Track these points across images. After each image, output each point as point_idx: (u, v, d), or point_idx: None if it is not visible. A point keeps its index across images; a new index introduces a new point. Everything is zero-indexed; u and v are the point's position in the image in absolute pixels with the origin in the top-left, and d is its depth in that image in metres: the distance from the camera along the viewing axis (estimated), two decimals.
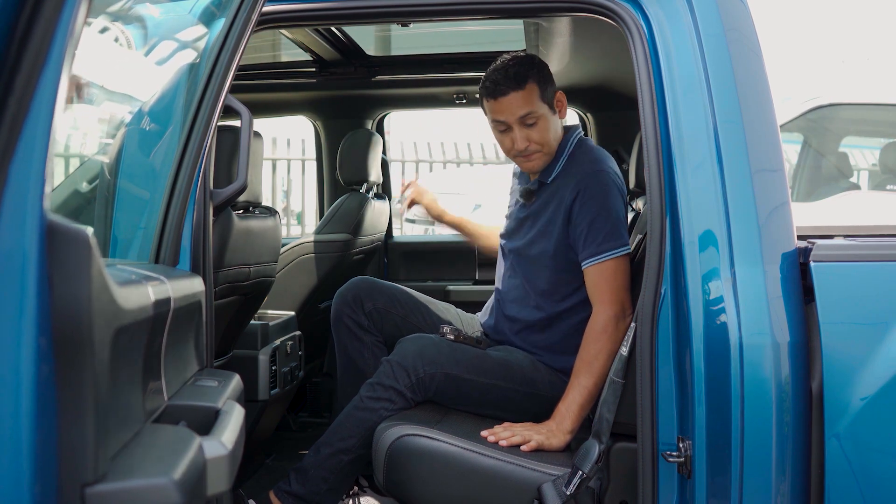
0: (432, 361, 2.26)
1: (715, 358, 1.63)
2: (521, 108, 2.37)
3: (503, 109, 2.38)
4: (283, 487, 2.30)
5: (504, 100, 2.37)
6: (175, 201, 1.57)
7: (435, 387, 2.27)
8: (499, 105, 2.38)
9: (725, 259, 1.67)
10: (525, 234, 2.49)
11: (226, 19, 1.63)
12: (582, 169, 2.37)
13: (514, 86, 2.36)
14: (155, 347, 1.21)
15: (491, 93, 2.39)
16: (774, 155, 1.75)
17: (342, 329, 2.57)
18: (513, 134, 2.39)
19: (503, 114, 2.38)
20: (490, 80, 2.39)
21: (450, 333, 2.38)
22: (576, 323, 2.39)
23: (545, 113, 2.40)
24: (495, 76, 2.38)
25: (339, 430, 2.29)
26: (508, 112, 2.38)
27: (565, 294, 2.43)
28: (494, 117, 2.41)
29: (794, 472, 1.61)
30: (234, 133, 2.00)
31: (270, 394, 2.59)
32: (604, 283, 2.29)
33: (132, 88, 1.85)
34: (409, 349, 2.28)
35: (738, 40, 1.77)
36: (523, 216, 2.51)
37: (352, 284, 2.60)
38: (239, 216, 2.21)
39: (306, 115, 4.12)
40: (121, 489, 0.90)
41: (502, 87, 2.36)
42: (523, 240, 2.49)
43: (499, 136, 2.45)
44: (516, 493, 2.01)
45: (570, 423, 2.17)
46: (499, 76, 2.37)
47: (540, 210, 2.46)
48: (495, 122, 2.42)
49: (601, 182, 2.35)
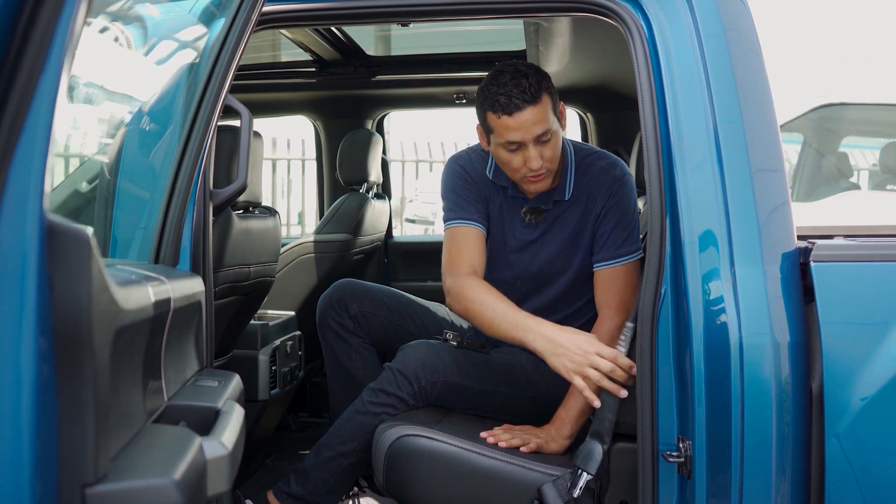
0: (435, 370, 2.24)
1: (715, 358, 1.63)
2: (538, 124, 2.18)
3: (520, 126, 2.17)
4: (282, 488, 2.30)
5: (520, 115, 2.17)
6: (175, 201, 1.57)
7: (437, 394, 2.26)
8: (515, 121, 2.17)
9: (725, 259, 1.67)
10: (535, 255, 2.41)
11: (226, 19, 1.63)
12: (606, 176, 2.33)
13: (530, 100, 2.17)
14: (155, 347, 1.21)
15: (505, 108, 2.17)
16: (774, 155, 1.75)
17: (328, 332, 2.54)
18: (526, 153, 2.21)
19: (519, 132, 2.18)
20: (503, 94, 2.17)
21: (452, 339, 2.36)
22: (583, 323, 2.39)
23: (557, 129, 2.25)
24: (508, 91, 2.17)
25: (340, 434, 2.29)
26: (525, 129, 2.18)
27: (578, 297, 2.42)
28: (508, 137, 2.19)
29: (795, 472, 1.61)
30: (234, 133, 2.00)
31: (270, 394, 2.59)
32: (615, 287, 2.28)
33: (132, 88, 1.85)
34: (411, 357, 2.26)
35: (738, 40, 1.77)
36: (532, 238, 2.40)
37: (335, 288, 2.55)
38: (239, 216, 2.21)
39: (306, 115, 4.12)
40: (121, 489, 0.90)
41: (517, 102, 2.16)
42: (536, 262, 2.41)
43: (507, 155, 2.23)
44: (516, 493, 2.01)
45: (569, 428, 2.17)
46: (512, 90, 2.16)
47: (557, 227, 2.37)
48: (507, 143, 2.21)
49: (628, 185, 2.36)
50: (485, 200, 2.41)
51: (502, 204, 2.41)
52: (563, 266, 2.39)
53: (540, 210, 2.38)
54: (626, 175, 2.37)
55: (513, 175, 2.29)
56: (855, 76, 10.80)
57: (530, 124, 2.18)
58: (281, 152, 9.14)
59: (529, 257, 2.41)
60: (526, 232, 2.40)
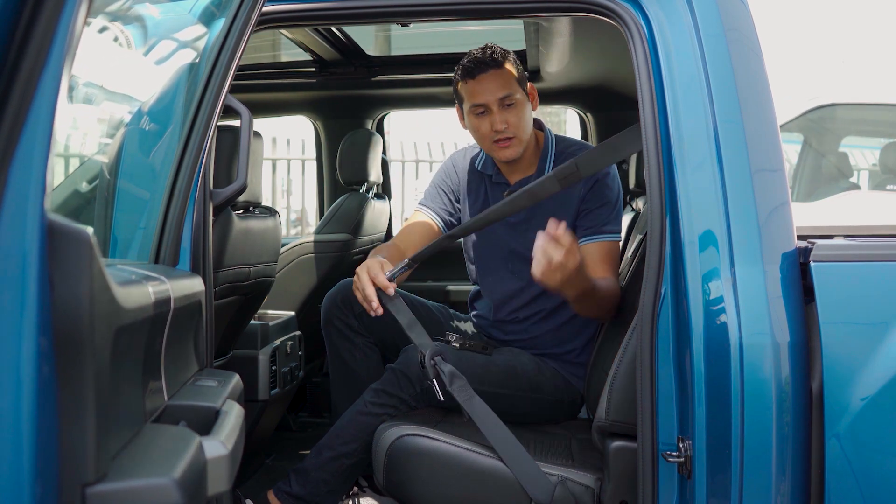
0: None
1: (715, 358, 1.63)
2: (501, 87, 2.40)
3: (483, 90, 2.41)
4: (282, 488, 2.30)
5: (484, 78, 2.40)
6: (175, 201, 1.57)
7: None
8: (478, 85, 2.41)
9: (725, 259, 1.67)
10: (520, 235, 2.49)
11: (226, 19, 1.63)
12: None
13: (493, 64, 2.41)
14: (155, 347, 1.21)
15: (470, 72, 2.42)
16: (774, 155, 1.75)
17: (333, 331, 2.55)
18: (492, 116, 2.42)
19: (483, 94, 2.41)
20: (468, 61, 2.43)
21: (455, 341, 2.37)
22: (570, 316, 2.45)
23: (522, 98, 2.44)
24: (473, 58, 2.43)
25: (341, 434, 2.29)
26: (488, 92, 2.40)
27: None
28: (473, 100, 2.43)
29: (795, 472, 1.61)
30: (234, 133, 2.00)
31: (270, 394, 2.59)
32: (606, 258, 2.37)
33: (132, 88, 1.85)
34: (413, 359, 2.26)
35: (738, 40, 1.77)
36: (515, 221, 2.51)
37: (341, 286, 2.57)
38: (239, 216, 2.21)
39: (306, 115, 4.12)
40: (121, 489, 0.90)
41: (482, 66, 2.40)
42: (521, 242, 2.49)
43: (475, 120, 2.45)
44: (516, 493, 2.01)
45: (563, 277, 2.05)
46: (477, 57, 2.42)
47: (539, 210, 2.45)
48: (473, 106, 2.43)
49: (610, 172, 2.45)
50: (456, 193, 2.65)
51: (487, 190, 2.59)
52: None
53: None
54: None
55: (483, 143, 2.49)
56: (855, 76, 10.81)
57: (494, 87, 2.40)
58: (281, 152, 9.13)
59: (515, 238, 2.51)
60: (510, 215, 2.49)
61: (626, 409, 1.89)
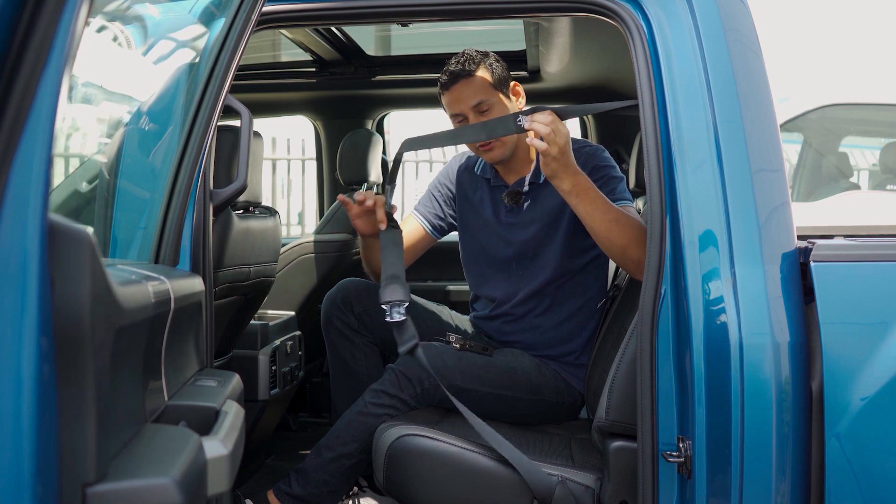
0: (437, 373, 2.24)
1: (715, 358, 1.63)
2: (472, 96, 2.43)
3: (456, 100, 2.45)
4: (283, 488, 2.30)
5: (455, 89, 2.45)
6: (175, 201, 1.57)
7: (439, 396, 2.26)
8: (452, 96, 2.46)
9: (725, 259, 1.67)
10: (521, 233, 2.51)
11: (226, 19, 1.63)
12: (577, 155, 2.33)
13: (462, 74, 2.45)
14: (155, 347, 1.21)
15: (444, 85, 2.48)
16: (774, 155, 1.75)
17: (333, 331, 2.55)
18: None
19: (457, 104, 2.45)
20: (443, 72, 2.48)
21: (455, 342, 2.37)
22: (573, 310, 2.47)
23: (498, 101, 2.46)
24: (447, 69, 2.48)
25: (341, 434, 2.29)
26: (461, 101, 2.44)
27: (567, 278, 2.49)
28: (451, 111, 2.48)
29: (795, 472, 1.61)
30: (234, 133, 2.00)
31: (270, 394, 2.59)
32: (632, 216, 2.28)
33: (132, 88, 1.85)
34: (413, 359, 2.27)
35: (738, 40, 1.77)
36: (512, 221, 2.52)
37: (341, 286, 2.58)
38: (239, 216, 2.21)
39: (306, 115, 4.12)
40: (121, 489, 0.90)
41: (453, 77, 2.45)
42: (523, 240, 2.50)
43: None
44: (516, 493, 2.01)
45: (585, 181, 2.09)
46: (450, 69, 2.47)
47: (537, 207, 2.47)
48: (453, 116, 2.49)
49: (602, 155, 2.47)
50: (449, 200, 2.68)
51: (486, 194, 2.60)
52: (548, 242, 2.48)
53: (518, 193, 2.53)
54: (598, 148, 2.49)
55: (472, 149, 2.55)
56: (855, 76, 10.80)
57: (465, 96, 2.44)
58: (281, 152, 9.13)
59: (517, 236, 2.52)
60: (510, 215, 2.54)
61: (627, 409, 1.89)
